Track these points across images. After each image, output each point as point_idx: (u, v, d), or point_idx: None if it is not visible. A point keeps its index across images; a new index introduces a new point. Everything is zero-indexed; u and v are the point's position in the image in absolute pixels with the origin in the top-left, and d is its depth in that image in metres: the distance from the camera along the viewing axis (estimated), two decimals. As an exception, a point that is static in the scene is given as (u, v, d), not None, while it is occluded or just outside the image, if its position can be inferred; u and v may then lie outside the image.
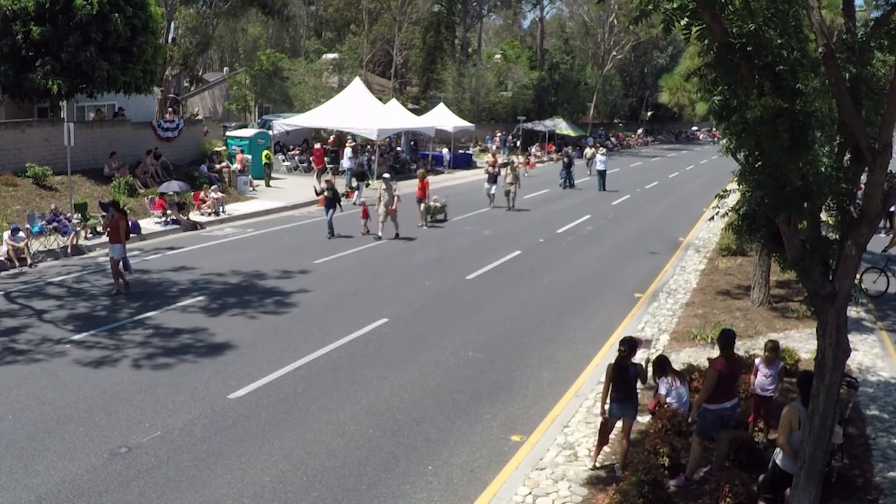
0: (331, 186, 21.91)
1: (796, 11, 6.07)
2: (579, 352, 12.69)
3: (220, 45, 67.78)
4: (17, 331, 12.90)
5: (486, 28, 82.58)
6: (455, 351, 12.51)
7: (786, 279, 15.90)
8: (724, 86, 6.36)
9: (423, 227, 23.50)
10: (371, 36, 53.22)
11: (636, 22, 6.48)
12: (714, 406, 8.16)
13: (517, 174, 28.28)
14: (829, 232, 7.09)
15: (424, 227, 23.51)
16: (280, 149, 37.31)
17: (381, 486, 8.27)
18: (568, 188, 35.18)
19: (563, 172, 35.86)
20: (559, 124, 55.70)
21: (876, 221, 6.43)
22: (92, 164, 24.84)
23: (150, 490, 7.99)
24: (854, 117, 6.12)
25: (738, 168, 7.50)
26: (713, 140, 70.53)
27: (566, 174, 35.61)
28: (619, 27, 62.17)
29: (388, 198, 21.28)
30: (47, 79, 23.26)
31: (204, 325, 13.39)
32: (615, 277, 17.94)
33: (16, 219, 19.67)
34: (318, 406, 10.20)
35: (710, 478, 8.13)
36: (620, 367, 8.41)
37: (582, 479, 8.42)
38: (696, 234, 23.69)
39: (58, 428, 9.33)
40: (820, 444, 6.72)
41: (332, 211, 21.44)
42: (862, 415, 10.03)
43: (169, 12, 36.68)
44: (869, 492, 8.14)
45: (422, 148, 42.86)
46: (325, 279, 16.94)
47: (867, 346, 12.81)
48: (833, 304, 6.51)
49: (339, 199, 21.79)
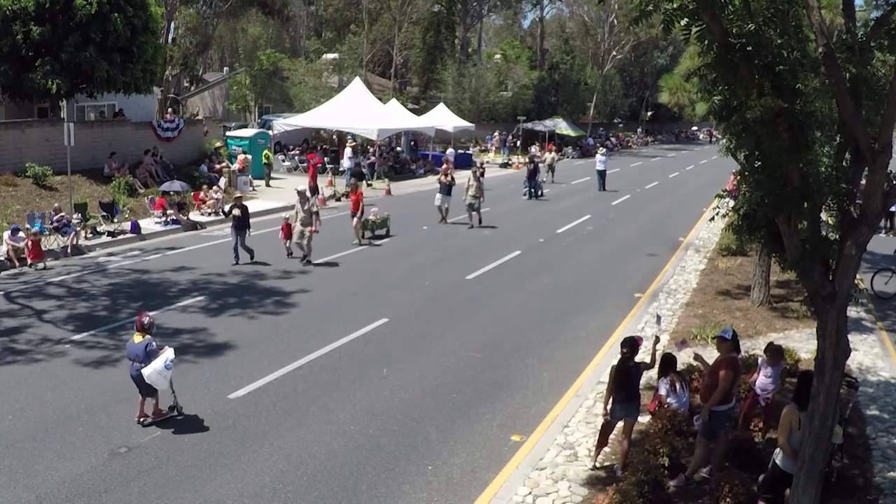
0: (239, 204, 18.16)
1: (796, 11, 6.07)
2: (579, 352, 12.69)
3: (220, 45, 67.85)
4: (17, 331, 12.90)
5: (486, 28, 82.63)
6: (455, 351, 12.51)
7: (786, 279, 15.89)
8: (724, 86, 6.37)
9: (358, 246, 20.17)
10: (371, 36, 53.22)
11: (636, 22, 6.48)
12: (723, 407, 8.20)
13: (481, 184, 23.66)
14: (829, 232, 7.09)
15: (360, 246, 20.18)
16: (280, 149, 37.32)
17: (381, 486, 8.27)
18: (534, 199, 30.36)
19: (526, 181, 30.78)
20: (559, 124, 55.68)
21: (876, 221, 6.44)
22: (92, 164, 24.85)
23: (150, 490, 7.99)
24: (854, 117, 6.11)
25: (739, 168, 7.49)
26: (711, 140, 70.63)
27: (530, 183, 30.58)
28: (619, 27, 62.11)
29: (305, 215, 17.77)
30: (47, 79, 23.27)
31: (204, 325, 13.39)
32: (615, 277, 17.94)
33: (16, 219, 19.67)
34: (318, 406, 10.20)
35: (710, 478, 8.13)
36: (623, 368, 8.42)
37: (582, 479, 8.42)
38: (696, 234, 23.69)
39: (58, 428, 9.33)
40: (820, 444, 6.72)
41: (240, 234, 17.77)
42: (862, 415, 10.02)
43: (169, 12, 36.69)
44: (869, 492, 8.14)
45: (422, 148, 42.85)
46: (325, 279, 16.94)
47: (867, 346, 12.81)
48: (833, 304, 6.51)
49: (248, 220, 18.13)
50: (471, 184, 23.35)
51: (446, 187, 23.87)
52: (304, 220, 17.72)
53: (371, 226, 21.48)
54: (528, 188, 30.51)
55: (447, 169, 24.93)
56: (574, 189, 35.25)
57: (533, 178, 30.44)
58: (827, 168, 6.56)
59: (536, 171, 30.95)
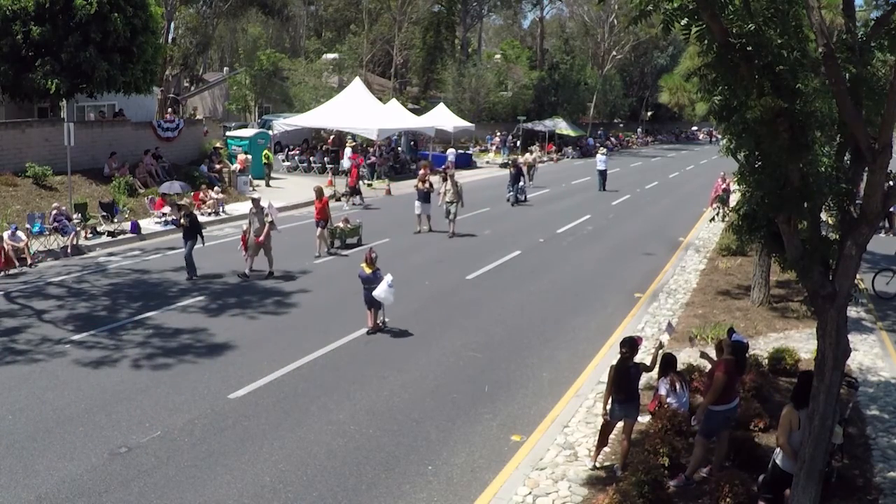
0: (188, 213, 17.08)
1: (796, 11, 6.06)
2: (579, 352, 12.69)
3: (220, 45, 67.86)
4: (17, 331, 12.91)
5: (486, 28, 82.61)
6: (455, 351, 12.51)
7: (786, 279, 15.89)
8: (724, 86, 6.36)
9: (319, 258, 18.76)
10: (371, 36, 53.24)
11: (636, 22, 6.48)
12: (721, 407, 8.20)
13: (459, 190, 22.27)
14: (829, 232, 7.08)
15: (321, 258, 18.79)
16: (280, 149, 37.33)
17: (381, 486, 8.27)
18: (517, 204, 28.97)
19: (509, 185, 29.33)
20: (559, 124, 55.71)
21: (876, 221, 6.43)
22: (92, 164, 24.85)
23: (150, 490, 7.99)
24: (854, 117, 6.11)
25: (739, 168, 7.49)
26: (711, 140, 70.61)
27: (513, 187, 29.15)
28: (618, 27, 62.17)
29: (258, 224, 16.66)
30: (47, 79, 23.28)
31: (204, 325, 13.39)
32: (615, 277, 17.94)
33: (16, 219, 19.67)
34: (318, 406, 10.20)
35: (710, 478, 8.13)
36: (622, 368, 8.41)
37: (582, 479, 8.42)
38: (696, 234, 23.68)
39: (58, 428, 9.33)
40: (820, 444, 6.72)
41: (191, 243, 16.47)
42: (862, 415, 10.02)
43: (169, 12, 36.72)
44: (869, 492, 8.14)
45: (422, 148, 42.85)
46: (325, 279, 16.94)
47: (867, 346, 12.80)
48: (833, 304, 6.51)
49: (200, 229, 16.91)
50: (447, 188, 22.13)
51: (424, 194, 22.16)
52: (258, 230, 16.60)
53: (340, 234, 20.13)
54: (513, 193, 29.16)
55: (425, 175, 22.82)
56: (574, 189, 35.25)
57: (516, 183, 29.21)
58: (827, 168, 6.56)
59: (520, 175, 29.73)
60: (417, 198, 22.38)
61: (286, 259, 18.40)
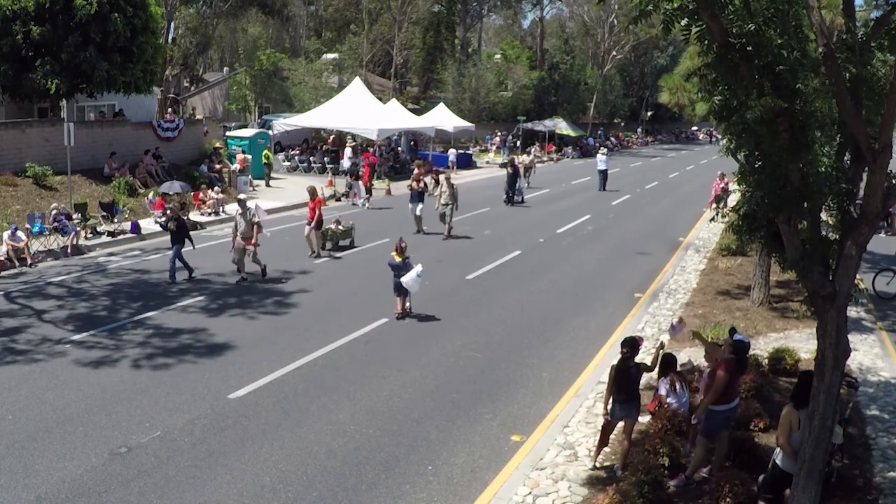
0: (175, 217, 16.81)
1: (796, 11, 6.06)
2: (579, 352, 12.69)
3: (220, 45, 67.87)
4: (17, 331, 12.90)
5: (486, 28, 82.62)
6: (455, 351, 12.51)
7: (786, 279, 15.89)
8: (724, 86, 6.37)
9: (314, 258, 18.55)
10: (371, 36, 53.26)
11: (636, 22, 6.48)
12: (721, 407, 8.19)
13: (454, 191, 21.85)
14: (829, 232, 7.08)
15: (316, 260, 18.55)
16: (280, 149, 37.32)
17: (381, 486, 8.27)
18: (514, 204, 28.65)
19: (506, 186, 28.97)
20: (559, 124, 55.73)
21: (876, 221, 6.43)
22: (92, 164, 24.84)
23: (150, 490, 7.99)
24: (854, 117, 6.11)
25: (739, 168, 7.49)
26: (711, 140, 70.62)
27: (511, 188, 28.78)
28: (618, 27, 62.18)
29: (245, 226, 16.35)
30: (47, 79, 23.28)
31: (204, 325, 13.39)
32: (615, 277, 17.94)
33: (16, 219, 19.67)
34: (318, 406, 10.20)
35: (710, 478, 8.13)
36: (622, 368, 8.41)
37: (582, 479, 8.42)
38: (696, 234, 23.68)
39: (58, 428, 9.33)
40: (820, 444, 6.71)
41: (177, 247, 16.26)
42: (862, 415, 10.02)
43: (169, 12, 36.72)
44: (869, 492, 8.13)
45: (422, 148, 42.84)
46: (325, 279, 16.94)
47: (867, 346, 12.80)
48: (833, 304, 6.51)
49: (188, 232, 16.80)
50: (442, 190, 21.81)
51: (418, 194, 22.08)
52: (244, 232, 16.30)
53: (332, 236, 19.80)
54: (510, 194, 28.86)
55: (419, 175, 23.01)
56: (574, 189, 35.25)
57: (513, 184, 28.85)
58: (827, 168, 6.56)
59: (517, 176, 29.26)
60: (410, 199, 22.31)
61: (286, 259, 18.40)
